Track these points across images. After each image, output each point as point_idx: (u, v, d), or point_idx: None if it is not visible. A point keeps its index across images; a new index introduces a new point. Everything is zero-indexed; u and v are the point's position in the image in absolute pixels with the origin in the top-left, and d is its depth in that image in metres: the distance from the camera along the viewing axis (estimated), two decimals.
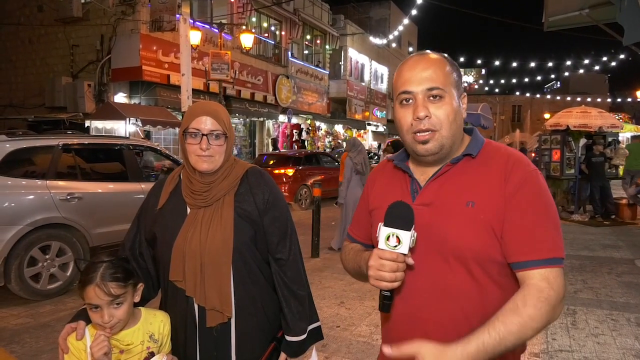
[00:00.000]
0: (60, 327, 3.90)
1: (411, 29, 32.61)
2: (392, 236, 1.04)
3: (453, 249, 1.09)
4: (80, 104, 12.58)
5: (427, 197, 1.15)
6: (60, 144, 5.14)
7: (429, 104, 1.11)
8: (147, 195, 1.58)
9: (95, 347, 1.26)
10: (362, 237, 1.35)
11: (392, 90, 1.24)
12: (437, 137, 1.11)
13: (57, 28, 13.66)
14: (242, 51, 15.18)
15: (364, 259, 1.17)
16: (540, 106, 45.28)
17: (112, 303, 1.31)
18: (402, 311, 1.15)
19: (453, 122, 1.12)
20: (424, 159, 1.16)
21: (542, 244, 1.06)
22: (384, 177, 1.30)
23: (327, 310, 4.35)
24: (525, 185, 1.08)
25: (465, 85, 9.70)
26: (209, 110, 1.43)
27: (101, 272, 1.31)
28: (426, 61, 1.14)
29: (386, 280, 1.03)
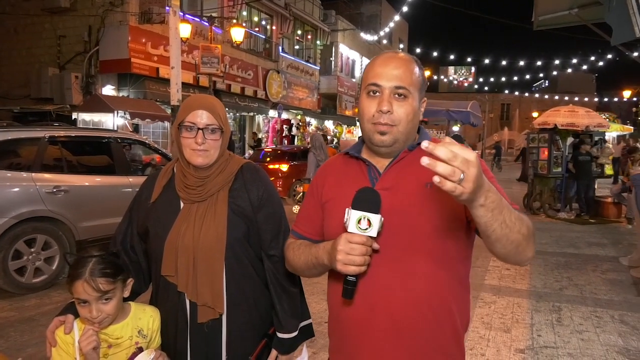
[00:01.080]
0: (46, 320, 3.87)
1: (402, 26, 32.65)
2: (363, 219, 1.07)
3: (416, 231, 1.15)
4: (67, 95, 12.40)
5: (387, 181, 1.21)
6: (47, 136, 5.06)
7: (393, 100, 1.19)
8: (140, 188, 1.56)
9: (84, 341, 1.24)
10: (311, 232, 1.36)
11: (361, 80, 1.30)
12: (394, 131, 1.19)
13: (43, 18, 13.43)
14: (233, 45, 15.06)
15: (323, 249, 1.20)
16: (529, 105, 45.72)
17: (100, 299, 1.29)
18: (367, 296, 1.18)
19: (410, 122, 1.21)
20: (378, 149, 1.24)
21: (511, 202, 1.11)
22: (336, 170, 1.35)
23: (315, 306, 4.35)
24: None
25: (455, 83, 9.75)
26: (205, 104, 1.42)
27: (90, 267, 1.29)
28: (398, 60, 1.22)
29: (356, 264, 1.07)
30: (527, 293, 4.94)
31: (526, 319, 4.21)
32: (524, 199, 11.00)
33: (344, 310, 1.23)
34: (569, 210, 10.30)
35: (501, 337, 3.79)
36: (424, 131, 1.32)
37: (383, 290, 1.17)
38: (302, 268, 1.33)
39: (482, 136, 39.70)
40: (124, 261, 1.46)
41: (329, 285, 1.34)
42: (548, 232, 8.40)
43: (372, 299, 1.17)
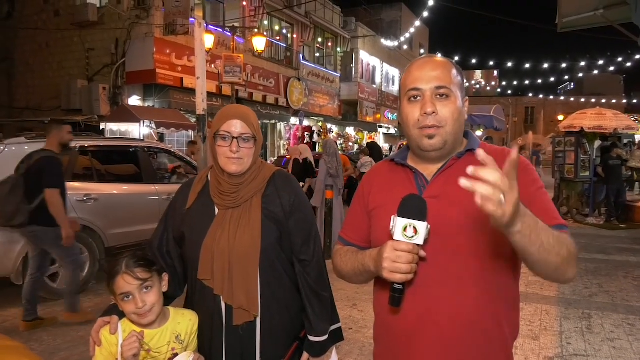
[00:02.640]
0: (77, 325, 3.98)
1: (422, 30, 32.50)
2: (409, 227, 1.06)
3: (464, 240, 1.14)
4: (95, 106, 12.76)
5: (435, 190, 1.19)
6: (77, 146, 5.23)
7: (436, 101, 1.17)
8: (175, 195, 1.62)
9: (126, 346, 1.30)
10: (358, 239, 1.37)
11: (399, 88, 1.29)
12: (441, 132, 1.18)
13: (73, 32, 13.87)
14: (254, 54, 15.26)
15: (370, 256, 1.19)
16: (554, 108, 44.79)
17: (141, 287, 1.35)
18: (414, 304, 1.16)
19: (457, 121, 1.19)
20: (428, 154, 1.22)
21: (557, 215, 1.17)
22: (381, 177, 1.34)
23: (340, 313, 4.34)
24: (528, 171, 1.20)
25: (477, 87, 9.67)
26: (239, 113, 1.47)
27: (125, 262, 1.36)
28: (435, 62, 1.22)
29: (402, 272, 1.06)
30: (556, 300, 4.84)
31: (555, 326, 4.12)
32: None
33: (391, 318, 1.22)
34: (598, 215, 10.04)
35: (529, 345, 3.72)
36: (472, 135, 1.30)
37: (431, 300, 1.16)
38: (349, 275, 1.33)
39: (506, 140, 39.06)
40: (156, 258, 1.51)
41: (375, 292, 1.34)
42: (576, 237, 8.12)
43: (419, 308, 1.16)
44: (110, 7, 13.03)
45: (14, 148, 4.71)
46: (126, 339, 1.31)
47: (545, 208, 1.16)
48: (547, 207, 1.16)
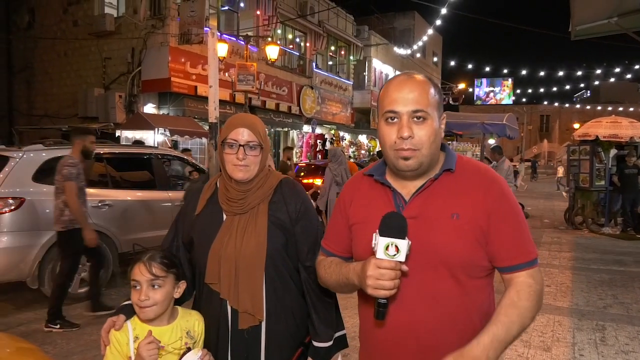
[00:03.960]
0: (90, 329, 4.04)
1: (436, 39, 32.49)
2: (391, 245, 1.09)
3: (442, 258, 1.19)
4: (111, 114, 12.99)
5: (413, 210, 1.22)
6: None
7: (412, 124, 1.19)
8: (185, 201, 1.67)
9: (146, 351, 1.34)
10: (340, 250, 1.40)
11: (377, 104, 1.30)
12: (417, 155, 1.20)
13: (90, 42, 14.18)
14: (268, 62, 15.41)
15: (353, 271, 1.22)
16: (570, 116, 44.29)
17: (151, 283, 1.40)
18: (396, 318, 1.21)
19: (433, 143, 1.21)
20: (404, 174, 1.25)
21: (527, 249, 1.22)
22: (361, 192, 1.36)
23: (348, 320, 4.35)
24: (504, 199, 1.23)
25: (491, 101, 9.62)
26: (246, 122, 1.51)
27: (150, 254, 1.43)
28: (412, 83, 1.22)
29: (386, 289, 1.10)
30: (569, 311, 4.77)
31: (567, 337, 4.06)
32: (565, 213, 10.64)
33: (374, 330, 1.27)
34: (614, 225, 9.88)
35: (541, 356, 3.67)
36: (449, 151, 1.32)
37: (409, 314, 1.20)
38: (333, 285, 1.37)
39: (520, 149, 38.67)
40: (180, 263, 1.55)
41: (360, 301, 1.38)
42: (591, 247, 8.08)
43: (398, 321, 1.21)
44: (127, 17, 13.30)
45: (32, 155, 4.83)
46: (145, 340, 1.35)
47: (514, 242, 1.21)
48: (515, 241, 1.22)
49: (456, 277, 1.19)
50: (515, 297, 1.17)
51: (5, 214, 4.43)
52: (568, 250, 7.85)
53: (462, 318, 1.20)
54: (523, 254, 1.21)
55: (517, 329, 1.14)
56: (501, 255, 1.21)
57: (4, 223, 4.43)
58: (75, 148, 4.39)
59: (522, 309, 1.16)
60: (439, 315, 1.19)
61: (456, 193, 1.22)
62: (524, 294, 1.17)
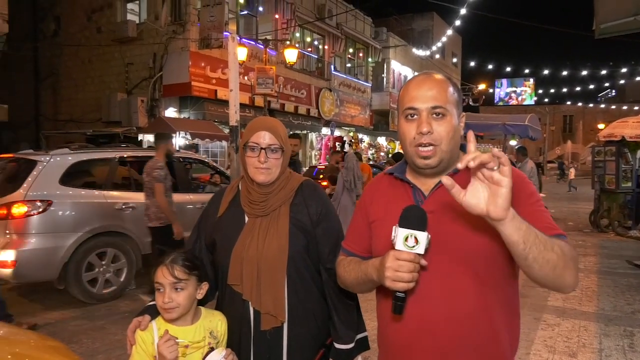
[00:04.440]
0: (115, 329, 4.12)
1: (455, 39, 32.19)
2: (410, 237, 1.09)
3: (462, 252, 1.18)
4: (134, 118, 13.23)
5: (432, 205, 1.22)
6: (117, 157, 5.45)
7: (432, 120, 1.20)
8: (208, 203, 1.69)
9: (166, 349, 1.36)
10: (360, 249, 1.40)
11: (397, 104, 1.32)
12: (437, 151, 1.21)
13: (113, 48, 14.48)
14: (286, 66, 15.50)
15: (372, 265, 1.23)
16: (594, 116, 43.32)
17: (174, 285, 1.42)
18: (414, 313, 1.20)
19: (452, 139, 1.22)
20: (423, 172, 1.26)
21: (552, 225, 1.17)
22: (381, 190, 1.37)
23: (369, 323, 4.33)
24: (522, 186, 1.21)
25: (512, 102, 9.50)
26: (267, 125, 1.53)
27: (173, 257, 1.45)
28: (432, 81, 1.24)
29: (404, 281, 1.10)
30: (595, 316, 4.65)
31: (594, 343, 3.97)
32: (590, 215, 10.40)
33: (392, 326, 1.26)
34: None
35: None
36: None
37: (428, 311, 1.19)
38: (352, 284, 1.37)
39: (543, 150, 37.99)
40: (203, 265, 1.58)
41: (378, 300, 1.38)
42: (618, 251, 7.88)
43: (417, 318, 1.20)
44: (149, 23, 13.54)
45: (59, 158, 4.95)
46: (163, 339, 1.37)
47: (542, 220, 1.17)
48: (542, 219, 1.18)
49: (477, 272, 1.17)
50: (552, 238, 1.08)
51: (33, 216, 4.55)
52: (593, 254, 7.66)
53: (482, 315, 1.17)
54: (552, 228, 1.15)
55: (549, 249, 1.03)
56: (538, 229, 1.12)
57: (32, 225, 4.56)
58: (160, 152, 4.96)
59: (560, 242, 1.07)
60: (458, 311, 1.17)
61: None
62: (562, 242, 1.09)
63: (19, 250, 4.44)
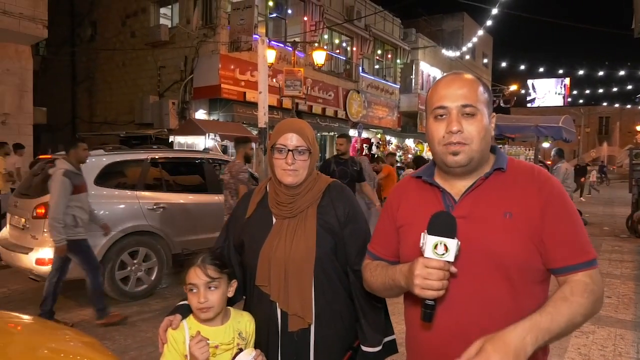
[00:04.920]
0: (146, 327, 4.21)
1: (486, 40, 31.59)
2: (439, 244, 1.07)
3: (495, 259, 1.14)
4: (165, 120, 13.55)
5: (463, 210, 1.19)
6: (149, 158, 5.58)
7: (462, 119, 1.17)
8: (236, 205, 1.71)
9: (197, 350, 1.38)
10: (387, 254, 1.37)
11: (426, 105, 1.29)
12: (467, 150, 1.17)
13: (146, 51, 14.87)
14: (314, 68, 15.56)
15: (400, 271, 1.20)
16: (632, 117, 41.72)
17: (208, 284, 1.44)
18: (444, 320, 1.17)
19: (483, 139, 1.19)
20: (452, 171, 1.22)
21: (583, 248, 1.15)
22: (409, 194, 1.34)
23: (396, 327, 4.29)
24: (558, 197, 1.18)
25: (546, 103, 9.36)
26: (295, 127, 1.53)
27: (202, 257, 1.47)
28: (461, 80, 1.21)
29: (434, 289, 1.07)
30: (632, 324, 4.48)
31: (631, 352, 3.82)
32: (627, 220, 10.02)
33: (422, 333, 1.24)
34: None
35: None
36: (500, 152, 1.29)
37: (458, 317, 1.16)
38: (379, 289, 1.35)
39: (577, 152, 36.88)
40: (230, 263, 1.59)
41: (406, 306, 1.35)
42: None
43: (449, 324, 1.17)
44: (181, 27, 13.84)
45: (94, 160, 5.11)
46: (195, 340, 1.39)
47: (570, 241, 1.15)
48: (571, 240, 1.15)
49: (510, 279, 1.14)
50: (568, 292, 1.10)
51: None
52: (630, 260, 7.38)
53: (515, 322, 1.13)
54: (579, 254, 1.14)
55: (565, 323, 1.06)
56: (556, 254, 1.14)
57: None
58: (239, 155, 5.33)
59: (574, 303, 1.08)
60: (490, 319, 1.13)
61: (508, 192, 1.18)
62: (578, 289, 1.10)
63: None
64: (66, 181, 4.12)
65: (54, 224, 4.05)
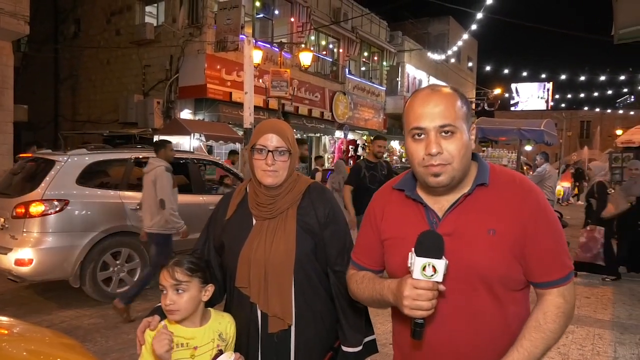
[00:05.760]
0: (128, 329, 4.17)
1: (471, 43, 31.93)
2: (428, 266, 1.06)
3: (480, 275, 1.16)
4: (149, 120, 13.40)
5: (447, 227, 1.19)
6: (133, 158, 5.52)
7: (441, 139, 1.14)
8: (216, 206, 1.70)
9: (157, 343, 1.37)
10: (372, 264, 1.37)
11: (403, 120, 1.24)
12: (448, 169, 1.15)
13: (131, 50, 14.69)
14: (301, 69, 15.55)
15: (388, 289, 1.19)
16: (612, 122, 42.59)
17: (174, 287, 1.43)
18: (434, 337, 1.19)
19: (463, 157, 1.16)
20: (435, 190, 1.21)
21: (562, 263, 1.19)
22: (393, 206, 1.32)
23: (380, 327, 4.32)
24: (540, 211, 1.19)
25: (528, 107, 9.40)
26: (275, 128, 1.53)
27: (176, 260, 1.47)
28: (438, 97, 1.16)
29: (424, 309, 1.07)
30: (610, 324, 4.58)
31: (608, 351, 3.91)
32: None
33: (411, 351, 1.25)
34: None
35: None
36: (482, 161, 1.26)
37: (448, 332, 1.18)
38: (367, 302, 1.36)
39: (559, 155, 37.48)
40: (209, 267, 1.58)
41: (394, 324, 1.36)
42: None
43: (437, 340, 1.19)
44: (166, 26, 13.72)
45: (76, 159, 5.04)
46: (156, 336, 1.38)
47: (549, 257, 1.18)
48: (550, 257, 1.18)
49: (494, 292, 1.17)
50: (541, 319, 1.16)
51: (50, 215, 4.64)
52: None
53: (502, 333, 1.19)
54: (557, 270, 1.18)
55: (541, 352, 1.15)
56: (534, 270, 1.19)
57: (49, 224, 4.64)
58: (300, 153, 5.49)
59: (547, 332, 1.15)
60: (479, 332, 1.18)
61: (491, 207, 1.19)
62: (550, 315, 1.16)
63: (36, 249, 4.53)
64: (170, 175, 4.62)
65: (172, 213, 4.59)
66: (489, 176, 1.22)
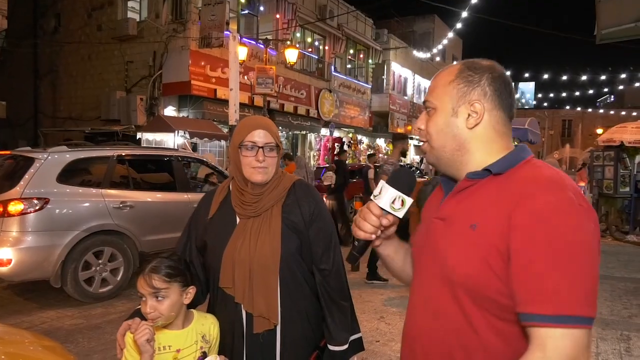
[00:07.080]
0: (111, 329, 4.10)
1: (456, 42, 32.21)
2: (397, 199, 1.08)
3: (444, 271, 1.02)
4: (132, 116, 13.21)
5: (444, 211, 1.08)
6: (115, 155, 5.43)
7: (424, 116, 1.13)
8: (198, 205, 1.66)
9: (138, 334, 1.32)
10: None
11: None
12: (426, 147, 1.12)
13: (113, 45, 14.46)
14: (287, 66, 15.50)
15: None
16: (593, 121, 43.42)
17: (154, 295, 1.38)
18: (406, 334, 1.18)
19: (441, 132, 1.06)
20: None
21: (549, 294, 0.82)
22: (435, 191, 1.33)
23: (367, 325, 4.33)
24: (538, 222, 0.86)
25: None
26: (262, 124, 1.51)
27: (152, 265, 1.41)
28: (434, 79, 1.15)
29: (363, 230, 1.11)
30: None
31: (590, 347, 3.96)
32: None
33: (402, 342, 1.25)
34: (639, 232, 9.64)
35: None
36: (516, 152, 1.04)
37: (415, 323, 1.14)
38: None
39: (541, 154, 38.08)
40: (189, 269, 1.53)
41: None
42: (615, 255, 7.88)
43: (409, 328, 1.18)
44: (149, 22, 13.52)
45: (57, 156, 4.93)
46: (138, 327, 1.33)
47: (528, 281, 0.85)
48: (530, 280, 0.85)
49: (458, 299, 0.98)
50: None
51: (30, 214, 4.53)
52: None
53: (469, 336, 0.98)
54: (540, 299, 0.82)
55: None
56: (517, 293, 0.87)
57: (28, 223, 4.53)
58: (397, 150, 5.82)
59: None
60: (443, 334, 1.03)
61: (487, 200, 0.98)
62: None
63: (15, 248, 4.42)
64: None
65: None
66: (510, 167, 1.00)
